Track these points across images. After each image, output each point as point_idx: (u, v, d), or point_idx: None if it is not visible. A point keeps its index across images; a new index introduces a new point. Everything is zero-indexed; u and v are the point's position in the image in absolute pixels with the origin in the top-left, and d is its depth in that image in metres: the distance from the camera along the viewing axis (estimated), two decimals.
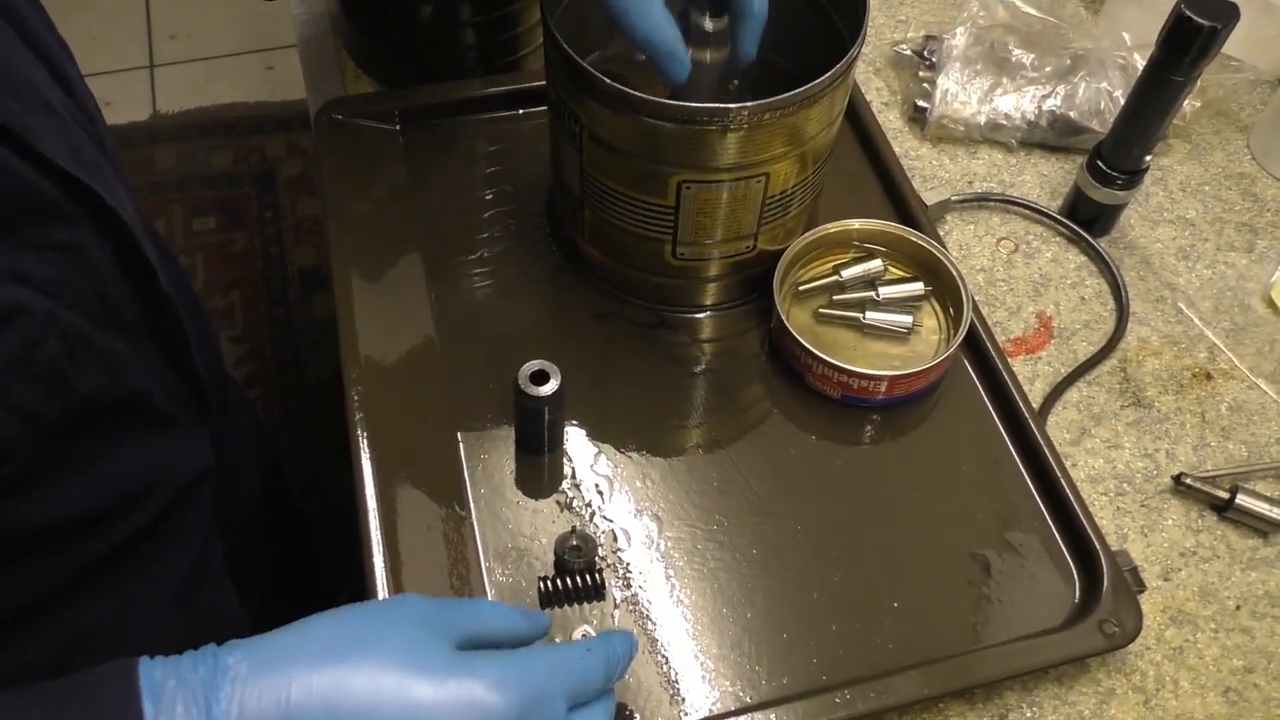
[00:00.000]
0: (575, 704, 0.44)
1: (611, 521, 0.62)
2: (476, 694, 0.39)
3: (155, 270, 0.52)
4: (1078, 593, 0.61)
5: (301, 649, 0.39)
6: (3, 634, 0.51)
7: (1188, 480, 0.67)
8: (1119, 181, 0.76)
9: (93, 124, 0.53)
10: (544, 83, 0.66)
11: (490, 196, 0.77)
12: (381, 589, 0.57)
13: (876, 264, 0.72)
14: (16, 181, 0.43)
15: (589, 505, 0.63)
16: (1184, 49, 0.66)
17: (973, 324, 0.68)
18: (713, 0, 0.60)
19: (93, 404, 0.48)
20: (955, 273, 0.69)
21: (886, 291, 0.70)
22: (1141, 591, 0.62)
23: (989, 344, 0.69)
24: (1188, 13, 0.65)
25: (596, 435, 0.66)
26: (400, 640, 0.40)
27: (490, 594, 0.59)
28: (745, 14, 0.58)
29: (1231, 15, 0.65)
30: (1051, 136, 0.85)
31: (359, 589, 0.57)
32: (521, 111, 0.81)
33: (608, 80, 0.58)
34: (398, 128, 0.78)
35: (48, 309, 0.44)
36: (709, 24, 0.60)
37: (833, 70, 0.59)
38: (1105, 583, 0.60)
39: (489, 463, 0.64)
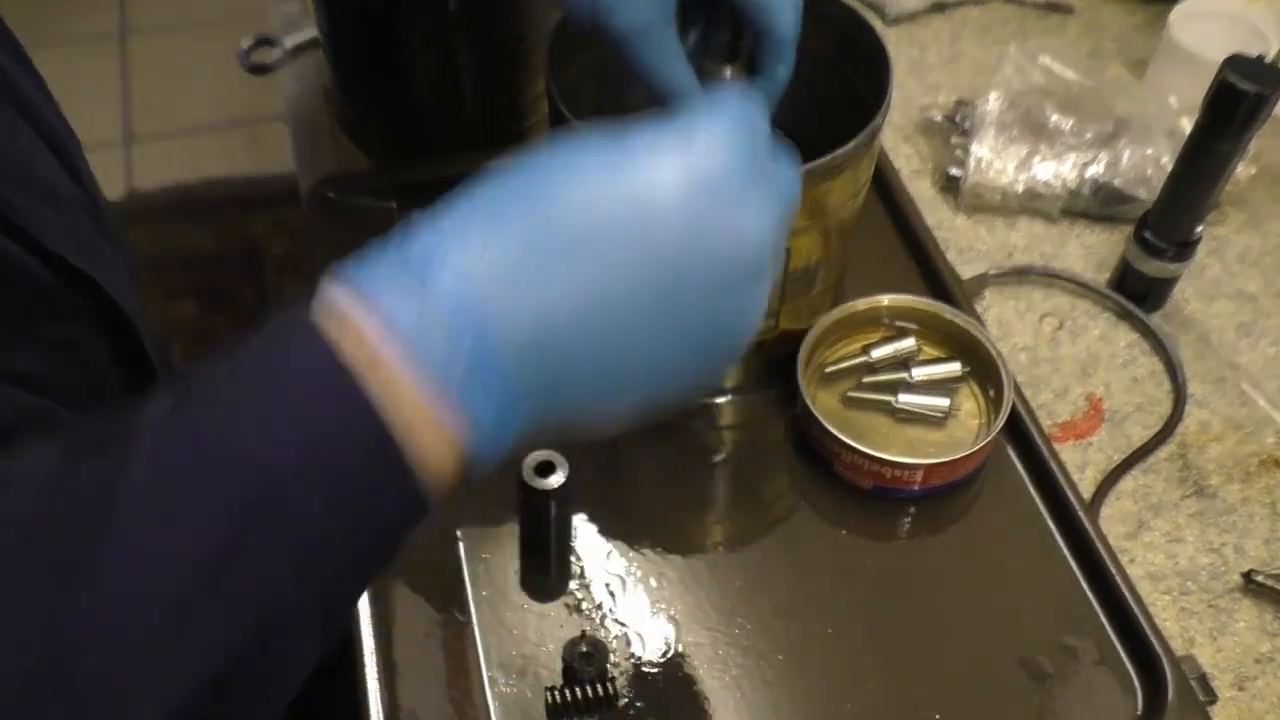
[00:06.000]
0: None
1: (624, 625, 0.63)
2: None
3: (150, 358, 0.55)
4: (1140, 703, 0.62)
5: None
6: None
7: (1259, 577, 0.68)
8: (1169, 253, 0.78)
9: (95, 206, 0.57)
10: None
11: None
12: (375, 700, 0.58)
13: (909, 343, 0.73)
14: (20, 274, 0.46)
15: (600, 608, 0.64)
16: (1229, 116, 0.69)
17: (1015, 407, 0.70)
18: (730, 38, 0.58)
19: None
20: (994, 352, 0.71)
21: (920, 372, 0.72)
22: (1213, 702, 0.62)
23: (1033, 428, 0.70)
24: (1231, 79, 0.68)
25: (607, 531, 0.67)
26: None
27: (493, 707, 0.60)
28: (771, 36, 0.54)
29: (1278, 80, 0.67)
30: (1095, 206, 0.87)
31: (350, 698, 0.58)
32: None
33: None
34: (395, 205, 0.81)
35: (39, 408, 0.47)
36: (727, 72, 0.59)
37: (855, 140, 0.61)
38: (1170, 692, 0.60)
39: (491, 563, 0.65)
